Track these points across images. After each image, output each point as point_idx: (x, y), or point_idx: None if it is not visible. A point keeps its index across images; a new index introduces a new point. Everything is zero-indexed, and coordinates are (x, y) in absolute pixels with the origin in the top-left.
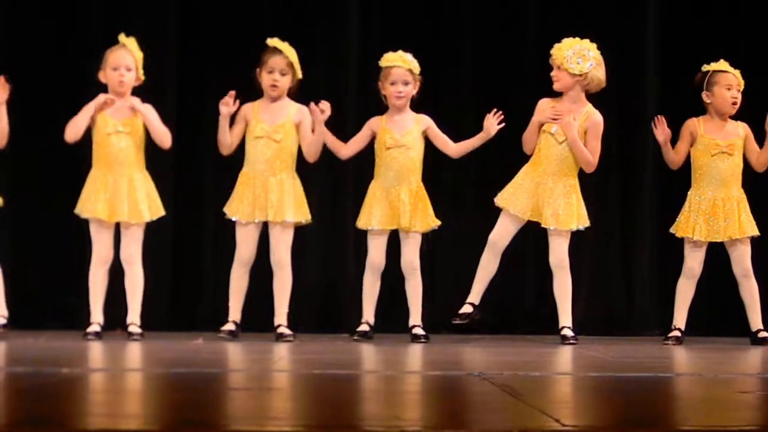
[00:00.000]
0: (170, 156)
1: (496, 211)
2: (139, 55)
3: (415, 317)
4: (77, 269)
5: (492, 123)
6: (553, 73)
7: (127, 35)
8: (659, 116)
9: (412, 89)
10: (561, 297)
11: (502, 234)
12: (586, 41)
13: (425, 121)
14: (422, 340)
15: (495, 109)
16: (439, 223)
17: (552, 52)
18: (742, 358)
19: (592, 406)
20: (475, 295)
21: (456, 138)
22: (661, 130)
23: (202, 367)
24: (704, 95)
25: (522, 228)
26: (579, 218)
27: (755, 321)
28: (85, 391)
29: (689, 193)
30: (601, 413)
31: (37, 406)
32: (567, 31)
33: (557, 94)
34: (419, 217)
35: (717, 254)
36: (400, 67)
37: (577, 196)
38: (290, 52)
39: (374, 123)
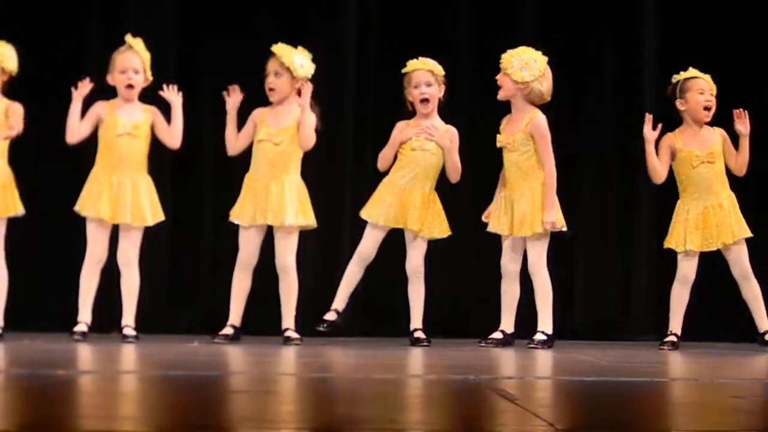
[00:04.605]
0: (169, 159)
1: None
2: (147, 56)
3: (416, 321)
4: (75, 271)
5: None
6: (498, 77)
7: (127, 35)
8: (649, 114)
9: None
10: (539, 300)
11: (509, 255)
12: (538, 53)
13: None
14: (424, 344)
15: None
16: (448, 233)
17: (502, 56)
18: (738, 363)
19: (587, 411)
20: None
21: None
22: (649, 128)
23: (198, 369)
24: (678, 103)
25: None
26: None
27: (761, 322)
28: (80, 393)
29: (677, 204)
30: (596, 417)
31: (32, 408)
32: (565, 39)
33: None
34: (428, 222)
35: (713, 258)
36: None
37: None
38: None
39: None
